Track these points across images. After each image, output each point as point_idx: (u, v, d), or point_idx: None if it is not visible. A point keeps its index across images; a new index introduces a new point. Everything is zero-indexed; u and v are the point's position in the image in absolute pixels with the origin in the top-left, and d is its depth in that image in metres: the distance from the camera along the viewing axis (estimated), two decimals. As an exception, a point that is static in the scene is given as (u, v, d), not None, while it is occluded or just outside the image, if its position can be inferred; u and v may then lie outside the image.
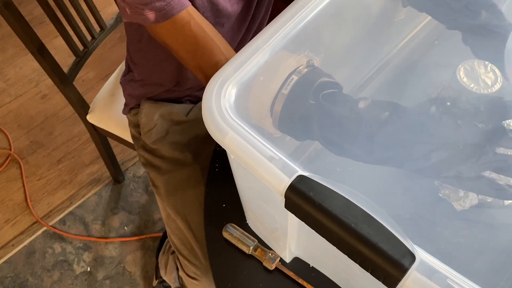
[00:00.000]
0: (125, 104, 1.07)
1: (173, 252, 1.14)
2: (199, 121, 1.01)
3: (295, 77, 0.55)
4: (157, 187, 0.97)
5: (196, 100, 1.02)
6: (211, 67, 0.70)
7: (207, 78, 0.70)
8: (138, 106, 1.01)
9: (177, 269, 1.06)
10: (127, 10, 0.69)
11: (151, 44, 0.90)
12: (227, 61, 0.68)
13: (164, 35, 0.71)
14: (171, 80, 0.94)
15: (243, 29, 0.92)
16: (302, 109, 0.55)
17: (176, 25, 0.69)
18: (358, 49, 0.72)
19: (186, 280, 0.98)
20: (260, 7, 0.92)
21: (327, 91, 0.54)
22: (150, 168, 0.98)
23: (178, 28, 0.69)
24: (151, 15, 0.67)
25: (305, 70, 0.55)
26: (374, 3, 0.71)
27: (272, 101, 0.56)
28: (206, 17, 0.74)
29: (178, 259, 1.00)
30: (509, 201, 0.62)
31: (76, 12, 1.16)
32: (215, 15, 0.81)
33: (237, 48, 0.88)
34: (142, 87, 0.99)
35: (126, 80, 1.03)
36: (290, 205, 0.46)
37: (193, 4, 0.73)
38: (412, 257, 0.41)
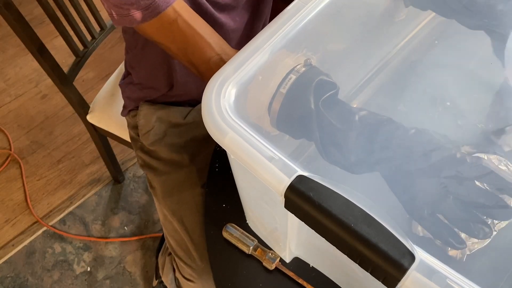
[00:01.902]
0: (124, 106, 1.07)
1: (170, 254, 1.15)
2: (197, 123, 1.02)
3: (293, 76, 0.55)
4: (154, 189, 0.97)
5: (195, 103, 1.02)
6: (203, 64, 0.70)
7: (201, 74, 0.71)
8: (136, 108, 1.01)
9: (174, 270, 1.06)
10: (114, 15, 0.69)
11: (145, 50, 0.90)
12: (218, 57, 0.69)
13: (154, 34, 0.71)
14: (165, 85, 0.94)
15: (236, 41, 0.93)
16: (300, 109, 0.55)
17: (163, 23, 0.68)
18: (358, 49, 0.72)
19: (182, 281, 0.98)
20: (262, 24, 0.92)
21: (326, 96, 0.55)
22: (147, 169, 0.98)
23: (165, 26, 0.69)
24: (137, 14, 0.67)
25: (303, 69, 0.55)
26: (374, 3, 0.71)
27: (270, 100, 0.56)
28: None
29: (174, 260, 1.00)
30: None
31: (76, 12, 1.17)
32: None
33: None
34: (140, 91, 0.99)
35: (125, 83, 1.04)
36: (290, 205, 0.46)
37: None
38: (412, 257, 0.41)
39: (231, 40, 0.91)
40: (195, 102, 1.02)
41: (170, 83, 0.94)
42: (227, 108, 0.50)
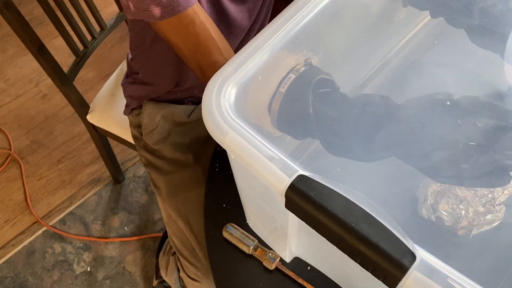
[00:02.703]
0: (126, 105, 1.07)
1: (174, 253, 1.14)
2: (201, 122, 1.01)
3: (292, 76, 0.55)
4: (159, 188, 0.97)
5: (198, 101, 1.02)
6: (209, 66, 0.70)
7: (205, 77, 0.71)
8: (139, 107, 1.01)
9: (178, 270, 1.06)
10: (130, 7, 0.69)
11: (151, 49, 0.90)
12: (226, 62, 0.69)
13: (168, 32, 0.71)
14: (170, 82, 0.94)
15: (241, 38, 0.93)
16: (300, 108, 0.55)
17: (181, 23, 0.69)
18: (358, 48, 0.72)
19: (187, 281, 0.97)
20: (259, 18, 0.92)
21: (322, 90, 0.55)
22: (151, 169, 0.98)
23: (182, 26, 0.69)
24: (156, 10, 0.67)
25: (303, 68, 0.56)
26: (374, 3, 0.71)
27: (270, 100, 0.56)
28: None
29: (179, 260, 1.00)
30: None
31: (76, 12, 1.16)
32: (218, 16, 0.81)
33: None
34: (144, 89, 0.99)
35: (128, 82, 1.03)
36: (291, 204, 0.46)
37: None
38: (413, 257, 0.41)
39: (242, 33, 0.91)
40: (198, 100, 1.02)
41: (176, 79, 0.94)
42: (227, 108, 0.50)
